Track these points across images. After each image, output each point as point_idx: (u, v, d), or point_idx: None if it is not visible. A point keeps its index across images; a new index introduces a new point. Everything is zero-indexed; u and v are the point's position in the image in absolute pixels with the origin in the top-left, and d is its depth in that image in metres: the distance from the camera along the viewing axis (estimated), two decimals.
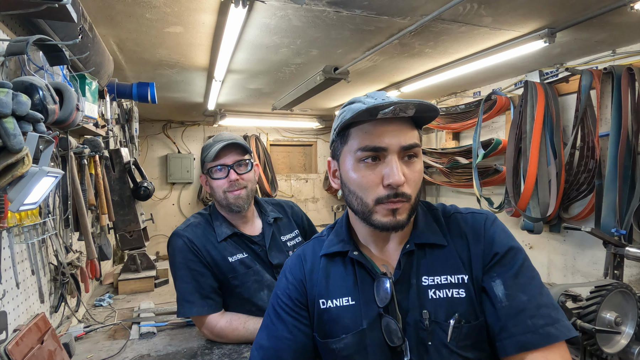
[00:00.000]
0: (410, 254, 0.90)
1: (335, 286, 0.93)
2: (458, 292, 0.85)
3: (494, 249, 0.86)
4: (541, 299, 0.81)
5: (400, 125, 0.83)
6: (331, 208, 6.55)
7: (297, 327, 0.94)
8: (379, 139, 0.82)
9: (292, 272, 1.00)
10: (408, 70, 3.31)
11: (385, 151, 0.82)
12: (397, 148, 0.82)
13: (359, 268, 0.92)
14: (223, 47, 2.47)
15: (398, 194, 0.81)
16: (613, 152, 2.55)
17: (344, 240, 0.96)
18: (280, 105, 4.36)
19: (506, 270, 0.84)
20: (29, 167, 0.93)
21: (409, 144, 0.83)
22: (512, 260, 0.85)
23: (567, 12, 2.12)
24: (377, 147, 0.82)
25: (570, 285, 1.71)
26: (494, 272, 0.85)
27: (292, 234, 1.69)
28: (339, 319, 0.90)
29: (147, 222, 2.55)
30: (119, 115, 3.24)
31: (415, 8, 2.04)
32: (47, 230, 1.56)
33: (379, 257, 0.93)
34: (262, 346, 0.96)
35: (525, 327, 0.78)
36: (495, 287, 0.83)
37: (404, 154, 0.84)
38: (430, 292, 0.86)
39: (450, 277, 0.86)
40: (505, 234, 0.89)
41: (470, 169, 3.73)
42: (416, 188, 0.85)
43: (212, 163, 1.50)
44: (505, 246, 0.86)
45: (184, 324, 1.72)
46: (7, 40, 1.08)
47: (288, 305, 0.96)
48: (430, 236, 0.91)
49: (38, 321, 1.21)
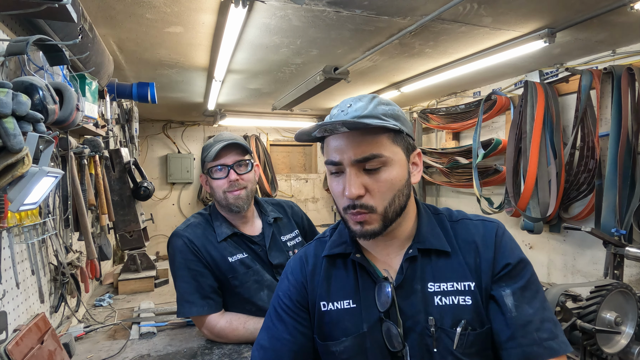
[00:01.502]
0: (414, 259, 0.89)
1: (336, 288, 0.93)
2: (464, 300, 0.85)
3: (505, 259, 0.87)
4: (544, 313, 0.83)
5: (358, 137, 0.82)
6: (331, 208, 6.55)
7: (297, 329, 0.95)
8: (335, 153, 0.85)
9: (294, 273, 1.00)
10: (408, 70, 3.31)
11: (342, 165, 0.84)
12: (349, 161, 0.83)
13: (360, 271, 0.92)
14: (223, 47, 2.47)
15: (356, 205, 0.83)
16: (613, 152, 2.55)
17: (347, 242, 0.96)
18: (280, 105, 4.36)
19: (515, 282, 0.85)
20: (29, 167, 0.93)
21: (363, 157, 0.81)
22: (522, 272, 0.86)
23: (567, 12, 2.12)
24: (334, 162, 0.85)
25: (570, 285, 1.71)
26: (503, 282, 0.85)
27: (292, 234, 1.69)
28: (340, 321, 0.90)
29: (147, 222, 2.55)
30: (119, 115, 3.24)
31: (415, 8, 2.04)
32: (47, 230, 1.56)
33: (381, 260, 0.93)
34: (262, 346, 0.97)
35: (532, 340, 0.80)
36: (506, 297, 0.84)
37: (363, 166, 0.83)
38: (436, 298, 0.86)
39: (456, 284, 0.86)
40: (515, 245, 0.90)
41: (470, 169, 3.73)
42: (383, 198, 0.83)
43: (212, 163, 1.50)
44: (516, 257, 0.87)
45: (184, 324, 1.72)
46: (7, 40, 1.08)
47: (289, 306, 0.97)
48: (434, 242, 0.90)
49: (38, 321, 1.21)
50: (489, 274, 0.86)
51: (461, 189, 4.35)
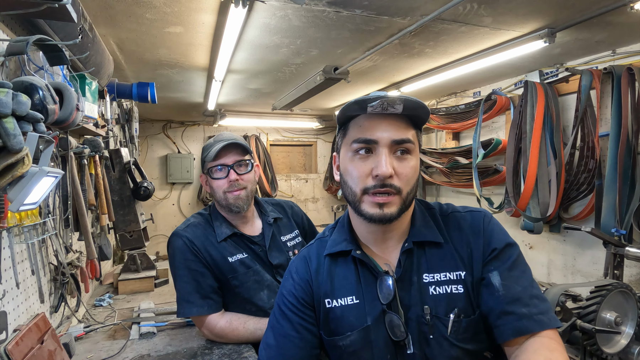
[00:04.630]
0: (410, 252, 0.93)
1: (339, 285, 0.97)
2: (457, 288, 0.90)
3: (492, 245, 0.92)
4: (532, 290, 0.87)
5: (394, 122, 0.87)
6: (331, 208, 6.55)
7: (302, 326, 0.98)
8: (370, 132, 0.87)
9: (298, 272, 1.03)
10: (408, 70, 3.31)
11: (376, 144, 0.86)
12: (388, 142, 0.86)
13: (361, 267, 0.96)
14: (223, 47, 2.47)
15: (385, 185, 0.85)
16: (613, 152, 2.55)
17: (347, 239, 0.99)
18: (280, 105, 4.36)
19: (502, 264, 0.90)
20: (29, 167, 0.93)
21: (400, 139, 0.86)
22: (508, 254, 0.91)
23: (567, 12, 2.12)
24: (369, 140, 0.87)
25: (570, 285, 1.71)
26: (491, 265, 0.90)
27: (292, 234, 1.69)
28: (344, 317, 0.94)
29: (147, 222, 2.55)
30: (119, 115, 3.24)
31: (415, 8, 2.04)
32: (47, 230, 1.56)
33: (380, 255, 0.97)
34: (269, 345, 0.99)
35: (521, 314, 0.83)
36: (493, 277, 0.88)
37: (396, 149, 0.87)
38: (431, 288, 0.90)
39: (449, 274, 0.91)
40: (502, 231, 0.96)
41: (470, 169, 3.73)
42: (408, 183, 0.88)
43: (212, 163, 1.50)
44: (502, 242, 0.92)
45: (184, 324, 1.72)
46: (7, 40, 1.08)
47: (294, 304, 0.99)
48: (427, 234, 0.95)
49: (38, 321, 1.21)
50: (480, 261, 0.91)
51: (461, 189, 4.35)
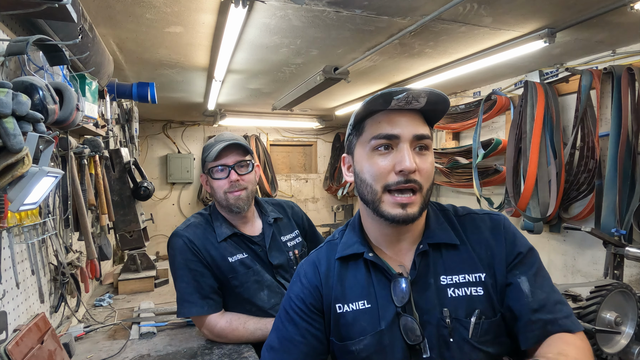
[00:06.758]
0: (425, 254, 0.91)
1: (350, 290, 0.94)
2: (476, 290, 0.88)
3: (517, 248, 0.91)
4: (555, 296, 0.88)
5: (413, 117, 0.87)
6: (331, 208, 6.54)
7: (309, 331, 0.96)
8: (392, 127, 0.85)
9: (307, 277, 1.00)
10: (408, 70, 3.31)
11: (398, 139, 0.85)
12: (410, 137, 0.84)
13: (374, 270, 0.94)
14: (223, 47, 2.46)
15: (410, 180, 0.83)
16: (613, 152, 2.55)
17: (359, 242, 0.97)
18: (280, 105, 4.35)
19: (528, 269, 0.89)
20: (29, 167, 0.93)
21: (421, 134, 0.85)
22: (532, 259, 0.91)
23: (567, 12, 2.12)
24: (390, 135, 0.85)
25: (570, 285, 1.71)
26: (517, 270, 0.89)
27: (293, 234, 1.69)
28: (356, 322, 0.91)
29: (147, 222, 2.55)
30: (119, 115, 3.23)
31: (415, 8, 2.04)
32: (47, 230, 1.56)
33: (393, 258, 0.95)
34: (272, 347, 0.98)
35: (547, 320, 0.84)
36: (522, 283, 0.87)
37: (416, 144, 0.86)
38: (450, 290, 0.89)
39: (467, 276, 0.90)
40: (521, 234, 0.96)
41: (470, 169, 3.73)
42: (428, 180, 0.87)
43: (213, 163, 1.50)
44: (526, 247, 0.92)
45: (184, 324, 1.72)
46: (7, 40, 1.08)
47: (301, 309, 0.97)
48: (443, 236, 0.93)
49: (38, 321, 1.21)
50: (503, 264, 0.90)
51: (461, 189, 4.34)
